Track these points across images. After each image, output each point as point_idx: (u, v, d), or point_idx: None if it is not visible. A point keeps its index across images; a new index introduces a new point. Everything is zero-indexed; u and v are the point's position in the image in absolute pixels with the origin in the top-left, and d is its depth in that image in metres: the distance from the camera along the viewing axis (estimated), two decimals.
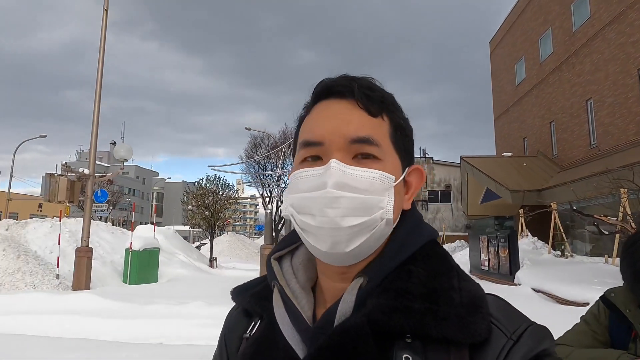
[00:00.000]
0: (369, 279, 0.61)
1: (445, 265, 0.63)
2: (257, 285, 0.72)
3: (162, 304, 8.32)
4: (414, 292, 0.58)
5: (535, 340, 0.56)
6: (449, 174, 30.26)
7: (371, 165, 0.61)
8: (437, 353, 0.55)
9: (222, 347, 0.74)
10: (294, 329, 0.62)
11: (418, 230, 0.66)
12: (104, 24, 12.61)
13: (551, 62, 18.35)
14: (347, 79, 0.65)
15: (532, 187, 15.78)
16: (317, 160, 0.62)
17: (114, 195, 37.99)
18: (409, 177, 0.67)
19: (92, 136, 12.19)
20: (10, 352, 4.95)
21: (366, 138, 0.61)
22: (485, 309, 0.58)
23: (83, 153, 70.18)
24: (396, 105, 0.67)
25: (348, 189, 0.59)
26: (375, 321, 0.56)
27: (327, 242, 0.60)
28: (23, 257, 11.33)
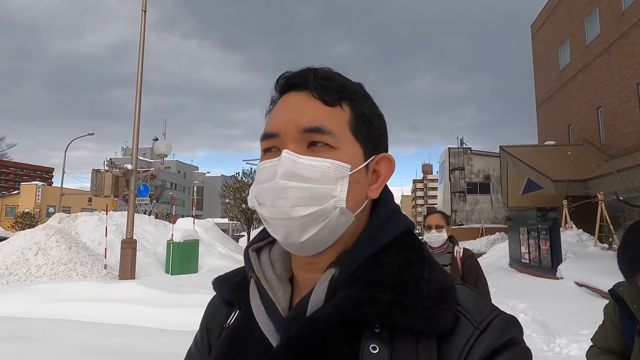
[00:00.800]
0: (340, 269, 0.61)
1: (417, 256, 0.63)
2: (236, 276, 0.73)
3: (202, 294, 8.63)
4: (384, 283, 0.59)
5: (501, 329, 0.56)
6: (488, 165, 29.32)
7: (325, 155, 0.61)
8: (404, 343, 0.56)
9: (204, 333, 0.76)
10: (269, 319, 0.63)
11: (391, 221, 0.66)
12: (143, 24, 13.07)
13: (598, 45, 17.31)
14: (305, 71, 0.65)
15: (577, 176, 15.02)
16: (275, 151, 0.63)
17: (156, 190, 39.53)
18: (377, 166, 0.67)
19: (134, 133, 12.73)
20: (64, 335, 5.32)
21: (318, 127, 0.61)
22: (453, 300, 0.58)
23: (128, 149, 73.29)
24: (359, 94, 0.66)
25: (298, 178, 0.59)
26: (343, 312, 0.57)
27: (281, 232, 0.61)
28: (74, 248, 12.06)
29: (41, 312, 7.28)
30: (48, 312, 7.27)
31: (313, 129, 0.61)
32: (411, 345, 0.56)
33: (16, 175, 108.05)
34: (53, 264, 11.34)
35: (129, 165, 12.87)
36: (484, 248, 20.63)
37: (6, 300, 7.93)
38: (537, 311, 7.05)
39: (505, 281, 10.74)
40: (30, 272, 11.02)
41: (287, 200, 0.59)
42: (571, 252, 11.28)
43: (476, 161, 29.80)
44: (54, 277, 10.93)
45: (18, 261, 11.24)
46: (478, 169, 29.69)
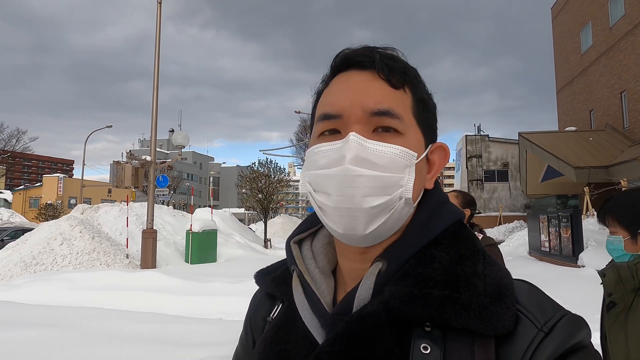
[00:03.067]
0: (388, 263, 0.58)
1: (470, 249, 0.59)
2: (278, 269, 0.71)
3: (221, 282, 8.78)
4: (434, 279, 0.55)
5: (569, 332, 0.52)
6: (507, 152, 28.82)
7: (392, 140, 0.57)
8: (458, 343, 0.53)
9: (248, 329, 0.74)
10: (313, 315, 0.60)
11: (441, 212, 0.62)
12: (159, 16, 13.13)
13: (623, 26, 16.72)
14: (368, 49, 0.61)
15: (599, 163, 14.66)
16: (335, 133, 0.59)
17: (174, 180, 40.07)
18: (432, 155, 0.63)
19: (152, 125, 12.89)
20: (92, 323, 5.49)
21: (387, 110, 0.57)
22: (512, 298, 0.54)
23: (145, 141, 74.33)
24: (419, 79, 0.63)
25: (368, 165, 0.55)
26: (392, 309, 0.54)
27: (344, 223, 0.56)
28: (97, 239, 12.36)
29: (68, 300, 7.52)
30: (74, 300, 7.50)
31: (382, 112, 0.57)
32: (466, 346, 0.52)
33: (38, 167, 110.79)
34: (77, 253, 11.65)
35: (147, 157, 13.06)
36: (502, 236, 20.40)
37: (34, 289, 8.20)
38: (558, 300, 6.96)
39: (525, 270, 10.63)
40: (55, 261, 11.35)
41: (357, 189, 0.55)
42: (593, 239, 11.08)
43: (494, 148, 29.32)
44: (79, 267, 11.24)
45: (44, 251, 11.58)
46: (496, 157, 29.22)
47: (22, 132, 41.55)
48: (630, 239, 1.54)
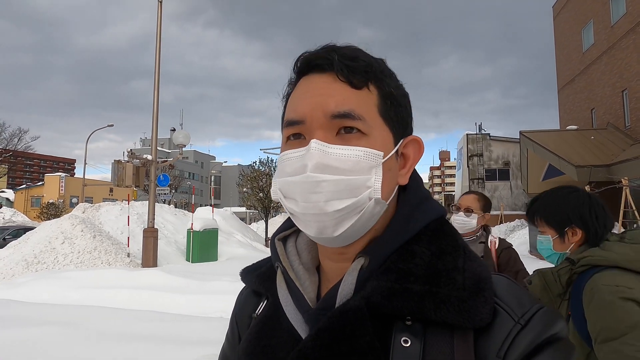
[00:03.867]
0: (370, 259, 0.59)
1: (451, 245, 0.60)
2: (263, 266, 0.72)
3: (222, 281, 8.80)
4: (415, 274, 0.56)
5: (544, 324, 0.53)
6: (508, 151, 28.79)
7: (356, 142, 0.57)
8: (438, 336, 0.54)
9: (234, 326, 0.75)
10: (297, 310, 0.61)
11: (423, 208, 0.62)
12: (159, 15, 13.14)
13: (624, 24, 16.67)
14: (327, 50, 0.60)
15: (601, 161, 14.64)
16: (300, 138, 0.59)
17: (175, 179, 40.10)
18: (405, 149, 0.63)
19: (153, 124, 12.90)
20: (91, 321, 5.51)
21: (348, 112, 0.57)
22: (490, 292, 0.55)
23: (146, 140, 74.40)
24: (385, 73, 0.62)
25: (330, 170, 0.55)
26: (373, 303, 0.55)
27: (314, 227, 0.57)
28: (98, 237, 12.39)
29: (70, 298, 7.55)
30: (77, 298, 7.53)
31: (342, 115, 0.57)
32: (446, 339, 0.54)
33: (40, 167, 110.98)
34: (79, 252, 11.69)
35: (148, 156, 13.09)
36: (503, 235, 20.39)
37: (37, 287, 8.24)
38: None
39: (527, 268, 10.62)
40: (57, 260, 11.38)
41: (321, 194, 0.55)
42: None
43: (495, 147, 29.28)
44: (80, 265, 11.27)
45: (46, 250, 11.62)
46: (497, 155, 29.19)
47: (24, 131, 41.57)
48: (558, 238, 1.54)
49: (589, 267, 1.40)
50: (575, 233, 1.51)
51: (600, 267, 1.38)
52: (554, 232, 1.55)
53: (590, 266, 1.40)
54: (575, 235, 1.51)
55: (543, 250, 1.61)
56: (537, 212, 1.60)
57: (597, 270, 1.38)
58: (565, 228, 1.52)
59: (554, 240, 1.56)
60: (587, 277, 1.39)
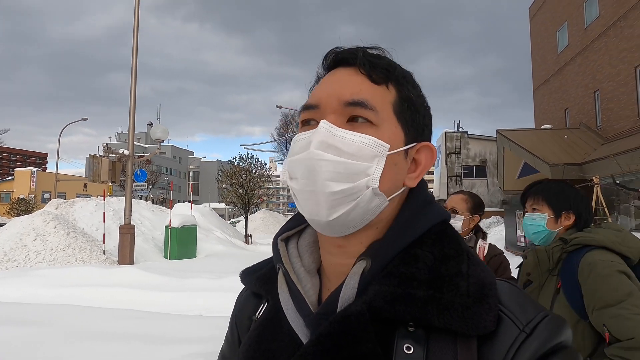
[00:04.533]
0: (372, 262, 0.58)
1: (455, 249, 0.59)
2: (263, 268, 0.71)
3: (201, 278, 8.70)
4: (418, 278, 0.55)
5: (550, 332, 0.52)
6: (485, 149, 29.37)
7: (364, 130, 0.58)
8: (441, 343, 0.53)
9: (233, 328, 0.74)
10: (298, 314, 0.61)
11: (426, 211, 0.62)
12: (137, 6, 12.83)
13: (597, 27, 17.18)
14: (354, 48, 0.63)
15: (573, 160, 15.10)
16: (313, 123, 0.61)
17: (152, 175, 39.35)
18: (418, 155, 0.64)
19: (130, 118, 12.61)
20: (65, 320, 5.36)
21: (361, 101, 0.58)
22: (494, 298, 0.54)
23: (122, 134, 72.73)
24: (408, 79, 0.64)
25: (333, 151, 0.56)
26: (376, 309, 0.54)
27: (310, 207, 0.58)
28: (72, 234, 12.06)
29: (43, 297, 7.32)
30: (49, 297, 7.31)
31: (355, 103, 0.58)
32: (449, 345, 0.53)
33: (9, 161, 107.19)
34: (52, 249, 11.35)
35: (125, 151, 12.79)
36: None
37: (7, 286, 7.95)
38: None
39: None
40: (29, 257, 11.03)
41: (320, 173, 0.56)
42: None
43: (473, 145, 29.83)
44: (53, 263, 10.95)
45: (16, 247, 11.24)
46: (474, 153, 29.75)
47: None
48: (553, 218, 1.76)
49: (579, 247, 1.62)
50: (568, 218, 1.75)
51: (590, 246, 1.59)
52: (551, 212, 1.76)
53: (580, 246, 1.61)
54: (568, 220, 1.75)
55: (532, 226, 1.79)
56: (542, 192, 1.80)
57: (587, 249, 1.59)
58: (562, 211, 1.75)
59: (549, 219, 1.76)
60: (579, 255, 1.59)
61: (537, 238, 1.79)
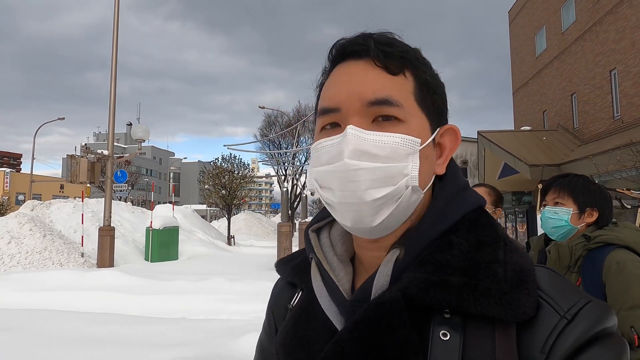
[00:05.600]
0: (406, 250, 0.57)
1: (490, 236, 0.58)
2: (297, 257, 0.72)
3: (183, 280, 8.55)
4: (453, 265, 0.55)
5: (593, 318, 0.51)
6: (466, 150, 29.83)
7: (393, 129, 0.56)
8: (478, 330, 0.52)
9: (270, 317, 0.75)
10: (332, 302, 0.61)
11: (460, 198, 0.61)
12: (117, 5, 12.57)
13: (574, 31, 17.65)
14: (363, 37, 0.60)
15: (552, 161, 15.46)
16: (335, 127, 0.58)
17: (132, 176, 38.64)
18: (442, 139, 0.62)
19: (110, 118, 12.34)
20: (45, 325, 5.18)
21: (385, 99, 0.56)
22: (532, 284, 0.53)
23: (101, 134, 71.24)
24: (421, 60, 0.61)
25: (367, 157, 0.54)
26: (410, 296, 0.54)
27: (351, 217, 0.56)
28: (49, 237, 11.71)
29: (17, 302, 7.07)
30: (25, 301, 7.07)
31: (380, 101, 0.56)
32: (487, 332, 0.52)
33: None
34: (27, 252, 11.00)
35: (104, 151, 12.50)
36: None
37: None
38: None
39: None
40: (3, 261, 10.66)
41: (358, 183, 0.54)
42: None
43: None
44: (29, 266, 10.62)
45: None
46: (456, 154, 29.88)
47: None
48: (577, 213, 1.72)
49: (602, 245, 1.59)
50: (591, 215, 1.71)
51: (613, 245, 1.57)
52: (576, 207, 1.73)
53: (603, 244, 1.59)
54: (591, 217, 1.71)
55: (554, 220, 1.75)
56: (568, 186, 1.76)
57: (611, 248, 1.57)
58: (587, 208, 1.72)
59: (573, 214, 1.72)
60: (602, 253, 1.57)
61: (557, 232, 1.75)
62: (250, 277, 8.99)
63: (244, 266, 11.59)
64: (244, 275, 9.41)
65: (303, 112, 29.67)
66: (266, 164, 31.92)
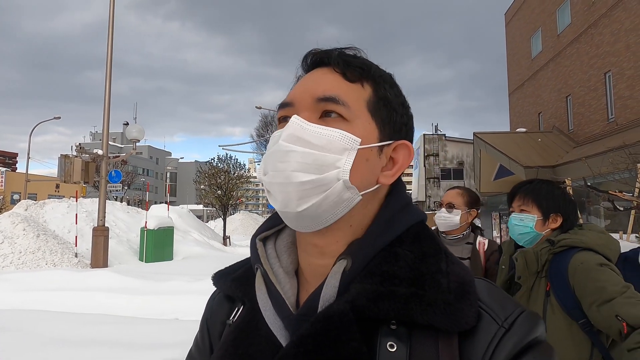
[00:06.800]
0: (352, 261, 0.57)
1: (433, 247, 0.60)
2: (238, 269, 0.70)
3: (178, 281, 8.52)
4: (400, 276, 0.55)
5: (527, 328, 0.54)
6: (462, 151, 29.92)
7: (335, 125, 0.58)
8: (423, 340, 0.53)
9: (204, 332, 0.72)
10: (277, 315, 0.59)
11: (405, 210, 0.63)
12: (112, 4, 12.52)
13: (569, 34, 17.75)
14: (331, 49, 0.64)
15: (547, 163, 15.53)
16: (287, 120, 0.61)
17: (128, 176, 38.51)
18: (395, 153, 0.64)
19: (105, 117, 12.29)
20: (38, 326, 5.15)
21: (332, 97, 0.59)
22: (474, 295, 0.55)
23: (97, 134, 70.94)
24: (385, 79, 0.64)
25: (302, 143, 0.57)
26: (359, 307, 0.54)
27: (279, 198, 0.58)
28: (42, 237, 11.65)
29: (10, 302, 7.02)
30: (18, 302, 7.02)
31: (327, 98, 0.59)
32: (431, 342, 0.53)
33: None
34: (20, 252, 10.93)
35: (99, 151, 12.45)
36: None
37: None
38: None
39: None
40: None
41: (288, 163, 0.57)
42: None
43: (450, 147, 30.34)
44: (22, 267, 10.55)
45: None
46: (452, 155, 30.27)
47: None
48: (541, 220, 1.75)
49: (566, 249, 1.62)
50: (556, 220, 1.74)
51: (577, 248, 1.60)
52: (540, 214, 1.74)
53: (567, 247, 1.62)
54: (556, 222, 1.74)
55: (519, 227, 1.77)
56: (532, 194, 1.78)
57: (574, 251, 1.60)
58: (551, 214, 1.74)
59: (537, 220, 1.74)
60: (566, 256, 1.60)
61: (523, 239, 1.78)
62: None
63: None
64: None
65: None
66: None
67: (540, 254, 1.66)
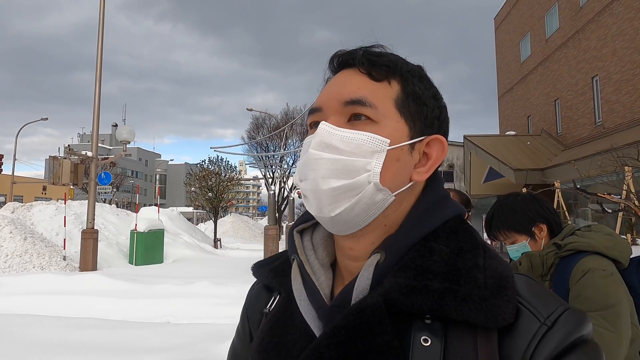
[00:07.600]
0: (386, 254, 0.58)
1: (470, 242, 0.59)
2: (276, 260, 0.71)
3: (168, 284, 8.44)
4: (434, 271, 0.55)
5: (572, 325, 0.52)
6: (452, 154, 30.12)
7: (363, 127, 0.58)
8: (460, 335, 0.53)
9: (245, 321, 0.74)
10: (311, 306, 0.60)
11: (440, 206, 0.62)
12: (102, 4, 12.41)
13: (557, 39, 18.00)
14: (355, 49, 0.64)
15: (536, 165, 15.71)
16: (317, 125, 0.62)
17: (117, 178, 38.09)
18: (428, 148, 0.63)
19: (94, 118, 12.15)
20: (24, 330, 5.06)
21: (359, 99, 0.59)
22: (512, 291, 0.54)
23: (85, 135, 70.11)
24: (414, 74, 0.63)
25: (330, 149, 0.57)
26: (392, 301, 0.54)
27: (314, 204, 0.59)
28: (30, 240, 11.46)
29: None
30: (4, 306, 6.89)
31: (354, 101, 0.59)
32: (468, 339, 0.52)
33: None
34: (7, 256, 10.75)
35: (88, 152, 12.30)
36: None
37: None
38: None
39: None
40: None
41: (317, 171, 0.57)
42: None
43: None
44: (8, 270, 10.37)
45: None
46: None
47: None
48: (531, 240, 1.70)
49: (573, 252, 1.57)
50: (541, 229, 1.68)
51: (583, 252, 1.55)
52: (525, 236, 1.70)
53: (575, 251, 1.57)
54: (542, 230, 1.69)
55: (520, 253, 1.72)
56: (502, 225, 1.73)
57: (582, 255, 1.55)
58: (532, 228, 1.68)
59: (528, 243, 1.69)
60: (573, 260, 1.55)
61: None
62: (236, 280, 8.91)
63: (230, 269, 11.49)
64: (230, 279, 9.33)
65: (291, 114, 29.66)
66: (254, 166, 31.81)
67: (547, 257, 1.63)
